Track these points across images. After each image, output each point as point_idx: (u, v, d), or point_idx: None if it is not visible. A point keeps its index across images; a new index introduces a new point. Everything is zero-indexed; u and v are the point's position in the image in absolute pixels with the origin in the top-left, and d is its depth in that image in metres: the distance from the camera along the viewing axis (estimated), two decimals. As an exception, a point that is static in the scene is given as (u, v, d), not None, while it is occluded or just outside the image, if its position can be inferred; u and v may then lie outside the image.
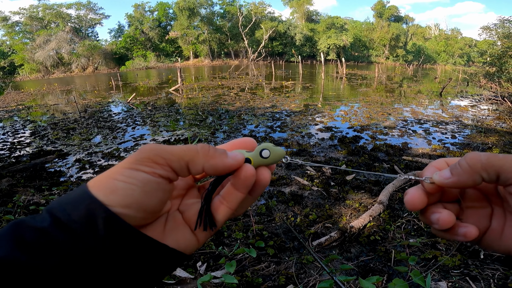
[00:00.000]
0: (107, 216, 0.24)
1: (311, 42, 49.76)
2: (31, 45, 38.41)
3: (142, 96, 10.87)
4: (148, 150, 0.27)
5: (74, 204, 0.25)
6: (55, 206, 0.25)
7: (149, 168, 0.26)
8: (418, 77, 19.08)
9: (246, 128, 5.77)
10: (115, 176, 0.26)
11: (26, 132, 6.03)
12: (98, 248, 0.24)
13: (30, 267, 0.22)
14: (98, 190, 0.25)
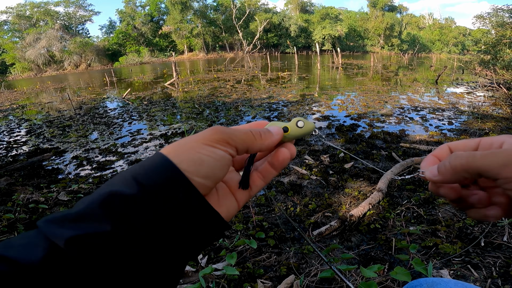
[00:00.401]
0: (186, 185, 0.27)
1: (306, 33, 49.48)
2: (21, 44, 37.87)
3: (138, 92, 10.79)
4: (221, 131, 0.31)
5: (157, 171, 0.27)
6: (140, 172, 0.27)
7: (224, 147, 0.30)
8: (414, 65, 19.07)
9: (243, 119, 5.76)
10: (199, 149, 0.29)
11: (22, 131, 5.98)
12: (176, 214, 0.27)
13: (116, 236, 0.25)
14: (181, 161, 0.28)
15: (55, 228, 0.25)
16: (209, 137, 0.30)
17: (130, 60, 41.52)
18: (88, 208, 0.25)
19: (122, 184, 0.27)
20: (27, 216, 2.38)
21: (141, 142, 4.65)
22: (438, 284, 0.62)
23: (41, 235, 0.24)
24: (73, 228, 0.24)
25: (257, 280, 1.52)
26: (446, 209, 2.34)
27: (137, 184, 0.26)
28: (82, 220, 0.25)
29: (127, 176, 0.27)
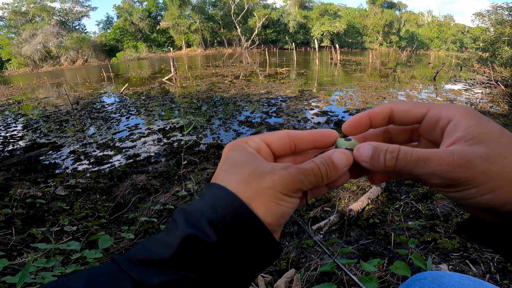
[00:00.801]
0: (268, 237, 0.29)
1: (305, 29, 49.33)
2: (17, 40, 37.51)
3: (135, 87, 10.71)
4: (301, 180, 0.30)
5: (238, 221, 0.28)
6: (216, 218, 0.28)
7: (297, 194, 0.31)
8: (412, 62, 19.06)
9: (242, 114, 5.74)
10: (280, 201, 0.29)
11: (18, 126, 5.93)
12: (253, 258, 0.29)
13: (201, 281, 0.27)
14: (265, 214, 0.29)
15: (143, 271, 0.26)
16: (290, 187, 0.30)
17: (127, 55, 41.24)
18: (175, 254, 0.26)
19: (199, 229, 0.27)
20: (24, 211, 2.37)
21: (139, 137, 4.63)
22: (443, 277, 0.61)
23: (126, 276, 0.26)
24: (161, 274, 0.26)
25: (257, 274, 1.51)
26: (444, 204, 2.35)
27: (216, 232, 0.27)
28: (169, 267, 0.26)
29: (202, 220, 0.28)
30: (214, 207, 0.28)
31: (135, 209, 2.49)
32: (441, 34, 53.50)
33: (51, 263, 1.18)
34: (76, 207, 2.46)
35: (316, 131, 0.36)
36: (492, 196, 0.26)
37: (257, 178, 0.30)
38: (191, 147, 4.04)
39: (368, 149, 0.31)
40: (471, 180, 0.26)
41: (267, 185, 0.29)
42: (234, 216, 0.28)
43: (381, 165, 0.30)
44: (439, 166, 0.27)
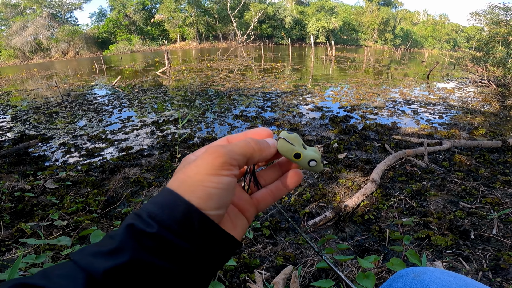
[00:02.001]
0: (200, 218, 0.29)
1: (301, 25, 49.14)
2: (7, 32, 36.66)
3: (128, 79, 10.55)
4: (223, 154, 0.30)
5: (171, 209, 0.29)
6: (155, 211, 0.29)
7: (228, 171, 0.31)
8: (406, 60, 19.18)
9: (236, 108, 5.69)
10: (206, 183, 0.29)
11: (7, 118, 5.78)
12: (196, 245, 0.29)
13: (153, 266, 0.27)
14: (192, 196, 0.29)
15: (90, 260, 0.27)
16: (213, 165, 0.30)
17: (120, 48, 40.53)
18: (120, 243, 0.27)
19: (141, 223, 0.28)
20: (12, 205, 2.30)
21: (132, 129, 4.55)
22: (424, 273, 0.63)
23: (78, 268, 0.26)
24: (108, 260, 0.26)
25: (254, 271, 1.50)
26: (437, 201, 2.36)
27: (156, 223, 0.28)
28: (116, 253, 0.27)
29: (143, 215, 0.29)
30: (154, 202, 0.30)
31: (128, 203, 2.44)
32: (436, 33, 53.86)
33: (41, 259, 1.15)
34: (66, 200, 2.39)
35: (250, 131, 0.38)
36: None
37: (184, 169, 0.31)
38: (185, 140, 3.99)
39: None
40: None
41: (191, 172, 0.30)
42: (170, 207, 0.29)
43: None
44: None
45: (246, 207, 0.37)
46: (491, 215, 2.08)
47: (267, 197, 0.38)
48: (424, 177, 2.78)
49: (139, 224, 0.28)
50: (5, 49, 35.89)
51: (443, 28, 54.20)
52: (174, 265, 0.28)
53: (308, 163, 0.37)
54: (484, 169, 2.93)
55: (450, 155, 3.32)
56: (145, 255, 0.27)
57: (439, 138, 3.94)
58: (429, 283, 0.60)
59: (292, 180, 0.38)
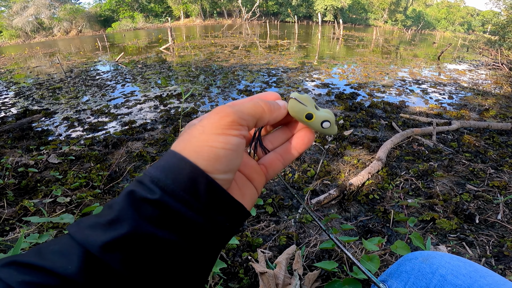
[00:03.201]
0: (207, 182, 0.26)
1: (308, 2, 47.73)
2: (8, 13, 36.04)
3: (131, 56, 10.39)
4: (230, 113, 0.28)
5: (176, 173, 0.26)
6: (158, 176, 0.26)
7: (237, 131, 0.28)
8: (416, 41, 18.62)
9: (241, 83, 5.60)
10: (213, 143, 0.27)
11: (10, 94, 5.72)
12: (201, 211, 0.26)
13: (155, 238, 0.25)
14: (198, 158, 0.26)
15: (87, 234, 0.24)
16: (220, 124, 0.28)
17: (123, 26, 39.82)
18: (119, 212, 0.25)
19: (143, 190, 0.26)
20: (16, 181, 2.28)
21: (135, 104, 4.50)
22: (433, 258, 0.62)
23: (74, 242, 0.24)
24: (107, 233, 0.24)
25: (256, 250, 1.47)
26: (444, 183, 2.31)
27: (159, 188, 0.26)
28: (115, 224, 0.24)
29: (145, 181, 0.26)
30: (157, 166, 0.27)
31: (131, 178, 2.42)
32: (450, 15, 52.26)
33: (44, 238, 1.12)
34: (69, 176, 2.37)
35: (258, 94, 0.35)
36: None
37: (189, 130, 0.29)
38: (189, 114, 3.94)
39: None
40: None
41: (197, 132, 0.28)
42: (174, 171, 0.26)
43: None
44: None
45: (254, 175, 0.34)
46: (498, 199, 2.03)
47: (276, 161, 0.35)
48: (432, 157, 2.72)
49: (140, 191, 0.26)
50: (6, 29, 35.47)
51: (457, 11, 52.61)
52: (178, 236, 0.26)
53: (321, 124, 0.34)
54: (492, 151, 2.86)
55: (458, 135, 3.24)
56: (146, 225, 0.25)
57: (448, 118, 3.84)
58: (438, 267, 0.59)
59: (304, 140, 0.35)
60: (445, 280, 0.56)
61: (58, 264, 0.23)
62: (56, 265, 0.23)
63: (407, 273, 0.63)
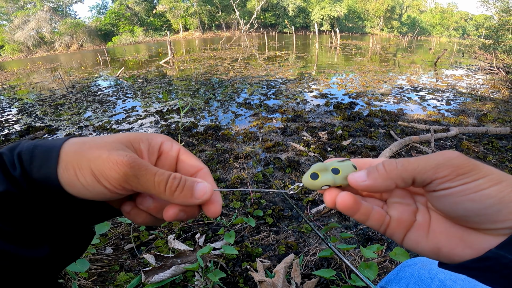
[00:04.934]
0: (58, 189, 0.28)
1: (305, 13, 48.40)
2: (9, 27, 36.68)
3: (132, 70, 10.53)
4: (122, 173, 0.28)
5: (41, 164, 0.28)
6: (25, 157, 0.28)
7: (111, 187, 0.28)
8: (413, 48, 18.82)
9: (240, 96, 5.66)
10: (80, 175, 0.28)
11: (13, 110, 5.81)
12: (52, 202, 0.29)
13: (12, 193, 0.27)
14: (63, 172, 0.28)
15: None
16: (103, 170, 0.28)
17: (123, 40, 40.40)
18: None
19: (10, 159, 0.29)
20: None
21: (136, 119, 4.55)
22: (432, 263, 0.63)
23: None
24: None
25: (256, 259, 1.49)
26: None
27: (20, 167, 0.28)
28: None
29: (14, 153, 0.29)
30: (36, 145, 0.30)
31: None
32: (444, 21, 52.87)
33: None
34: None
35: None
36: (500, 188, 0.26)
37: (96, 145, 0.29)
38: (189, 129, 3.98)
39: (362, 171, 0.30)
40: (477, 168, 0.27)
41: (91, 155, 0.29)
42: (41, 162, 0.28)
43: (382, 173, 0.29)
44: (444, 156, 0.28)
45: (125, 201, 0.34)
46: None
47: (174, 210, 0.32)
48: (431, 164, 2.73)
49: (6, 158, 0.28)
50: (8, 43, 36.02)
51: (451, 16, 53.18)
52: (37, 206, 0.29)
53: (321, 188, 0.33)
54: (492, 156, 2.88)
55: (457, 142, 3.27)
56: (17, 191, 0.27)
57: (447, 124, 3.88)
58: (437, 272, 0.59)
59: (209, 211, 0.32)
60: (444, 285, 0.58)
61: None
62: None
63: (406, 279, 0.64)
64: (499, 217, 0.26)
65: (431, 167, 0.27)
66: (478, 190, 0.26)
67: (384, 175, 0.29)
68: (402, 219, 0.31)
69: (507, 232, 0.26)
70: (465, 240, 0.28)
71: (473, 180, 0.26)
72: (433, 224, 0.31)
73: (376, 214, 0.31)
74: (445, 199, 0.28)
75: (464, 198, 0.27)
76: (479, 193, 0.26)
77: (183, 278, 1.30)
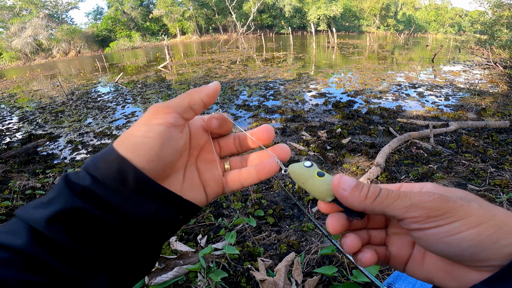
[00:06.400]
0: (135, 173, 0.28)
1: (301, 13, 48.50)
2: (6, 34, 36.76)
3: (131, 76, 10.56)
4: (157, 105, 0.31)
5: (106, 163, 0.28)
6: (90, 165, 0.28)
7: (161, 119, 0.30)
8: (410, 45, 18.83)
9: (239, 98, 5.68)
10: (135, 132, 0.29)
11: (14, 119, 5.84)
12: (130, 200, 0.28)
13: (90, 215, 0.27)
14: (123, 148, 0.28)
15: (32, 212, 0.27)
16: (146, 115, 0.30)
17: (121, 45, 40.48)
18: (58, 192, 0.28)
19: (75, 177, 0.28)
20: (24, 203, 2.34)
21: (136, 124, 4.57)
22: None
23: (20, 221, 0.27)
24: (46, 210, 0.26)
25: (257, 259, 1.50)
26: (445, 184, 2.32)
27: (90, 176, 0.28)
28: (53, 201, 0.27)
29: (80, 170, 0.29)
30: (93, 157, 0.30)
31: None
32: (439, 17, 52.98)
33: None
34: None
35: (256, 129, 0.37)
36: (478, 231, 0.26)
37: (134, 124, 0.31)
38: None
39: (351, 180, 0.30)
40: (452, 211, 0.26)
41: (134, 125, 0.30)
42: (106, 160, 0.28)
43: (362, 197, 0.29)
44: (420, 197, 0.27)
45: (210, 182, 0.35)
46: (500, 197, 2.04)
47: (236, 181, 0.36)
48: (431, 159, 2.74)
49: (74, 176, 0.28)
50: (6, 51, 36.09)
51: (446, 13, 53.29)
52: (111, 216, 0.28)
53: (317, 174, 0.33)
54: (492, 150, 2.88)
55: (457, 136, 3.27)
56: (79, 202, 0.27)
57: (446, 120, 3.88)
58: None
59: (265, 170, 0.35)
60: None
61: (8, 240, 0.25)
62: (6, 240, 0.25)
63: None
64: (479, 257, 0.26)
65: (403, 206, 0.28)
66: (453, 233, 0.26)
67: (360, 199, 0.29)
68: (400, 255, 0.33)
69: (492, 269, 0.26)
70: (452, 273, 0.29)
71: (446, 223, 0.26)
72: (426, 256, 0.32)
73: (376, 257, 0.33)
74: (421, 238, 0.28)
75: (439, 241, 0.27)
76: (454, 236, 0.26)
77: (185, 279, 1.31)
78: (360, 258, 0.33)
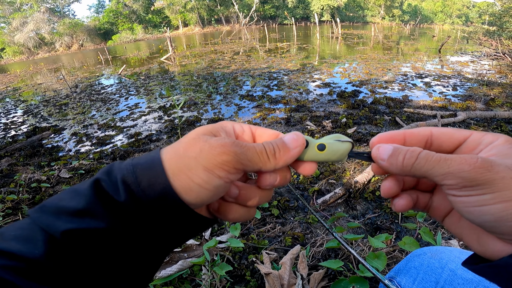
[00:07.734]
0: (176, 201, 0.27)
1: (304, 3, 47.95)
2: (8, 29, 36.75)
3: (134, 68, 10.53)
4: (231, 153, 0.27)
5: (150, 182, 0.27)
6: (130, 178, 0.27)
7: (225, 173, 0.28)
8: (416, 36, 18.52)
9: (243, 89, 5.64)
10: (193, 176, 0.27)
11: (19, 112, 5.86)
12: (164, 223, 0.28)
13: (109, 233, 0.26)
14: (175, 180, 0.27)
15: (52, 220, 0.25)
16: (214, 160, 0.27)
17: (123, 38, 40.40)
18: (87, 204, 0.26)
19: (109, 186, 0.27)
20: (30, 196, 2.35)
21: (140, 116, 4.56)
22: (442, 253, 0.62)
23: (36, 227, 0.25)
24: (70, 222, 0.25)
25: (262, 252, 1.47)
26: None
27: (127, 193, 0.26)
28: (79, 215, 0.25)
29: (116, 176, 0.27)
30: (134, 165, 0.28)
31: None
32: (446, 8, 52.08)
33: None
34: (80, 189, 2.42)
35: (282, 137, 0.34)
36: (504, 206, 0.25)
37: (189, 144, 0.28)
38: (193, 123, 3.96)
39: (389, 148, 0.30)
40: (489, 183, 0.25)
41: (193, 154, 0.27)
42: (150, 180, 0.27)
43: (399, 164, 0.29)
44: (459, 165, 0.26)
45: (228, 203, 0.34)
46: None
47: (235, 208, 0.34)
48: (439, 150, 2.68)
49: (107, 186, 0.27)
50: (9, 46, 36.18)
51: (453, 4, 52.39)
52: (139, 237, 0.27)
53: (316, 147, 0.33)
54: (501, 140, 2.82)
55: (465, 127, 3.21)
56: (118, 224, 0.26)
57: (454, 110, 3.81)
58: (448, 262, 0.59)
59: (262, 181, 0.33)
60: (455, 275, 0.56)
61: (25, 249, 0.24)
62: (23, 250, 0.24)
63: (416, 269, 0.62)
64: (499, 230, 0.26)
65: (440, 174, 0.27)
66: (479, 204, 0.26)
67: (397, 167, 0.29)
68: (440, 207, 0.33)
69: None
70: (479, 238, 0.30)
71: (477, 194, 0.26)
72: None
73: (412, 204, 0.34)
74: (453, 202, 0.28)
75: (464, 209, 0.27)
76: (478, 208, 0.26)
77: (190, 272, 1.29)
78: (395, 203, 0.33)
